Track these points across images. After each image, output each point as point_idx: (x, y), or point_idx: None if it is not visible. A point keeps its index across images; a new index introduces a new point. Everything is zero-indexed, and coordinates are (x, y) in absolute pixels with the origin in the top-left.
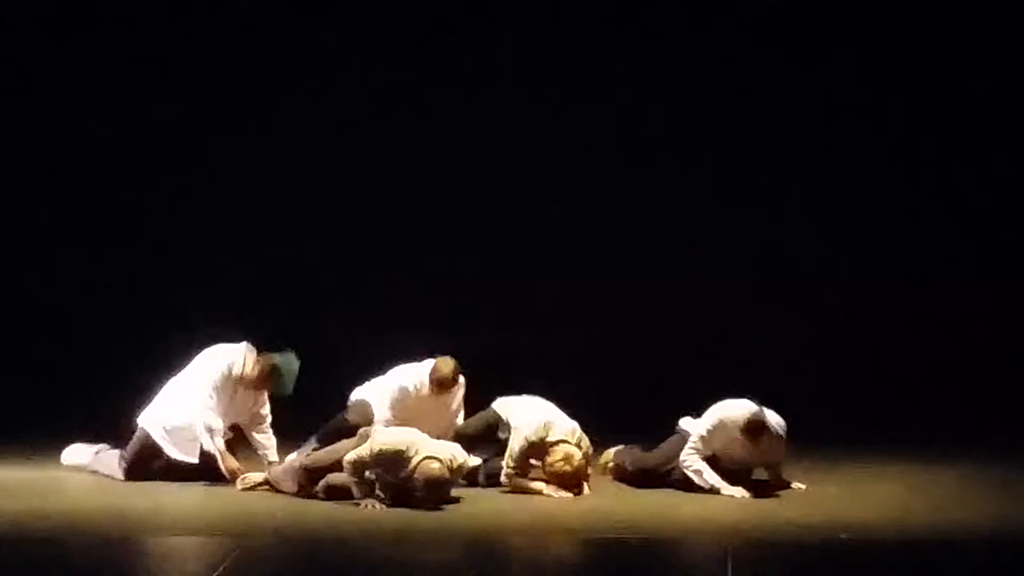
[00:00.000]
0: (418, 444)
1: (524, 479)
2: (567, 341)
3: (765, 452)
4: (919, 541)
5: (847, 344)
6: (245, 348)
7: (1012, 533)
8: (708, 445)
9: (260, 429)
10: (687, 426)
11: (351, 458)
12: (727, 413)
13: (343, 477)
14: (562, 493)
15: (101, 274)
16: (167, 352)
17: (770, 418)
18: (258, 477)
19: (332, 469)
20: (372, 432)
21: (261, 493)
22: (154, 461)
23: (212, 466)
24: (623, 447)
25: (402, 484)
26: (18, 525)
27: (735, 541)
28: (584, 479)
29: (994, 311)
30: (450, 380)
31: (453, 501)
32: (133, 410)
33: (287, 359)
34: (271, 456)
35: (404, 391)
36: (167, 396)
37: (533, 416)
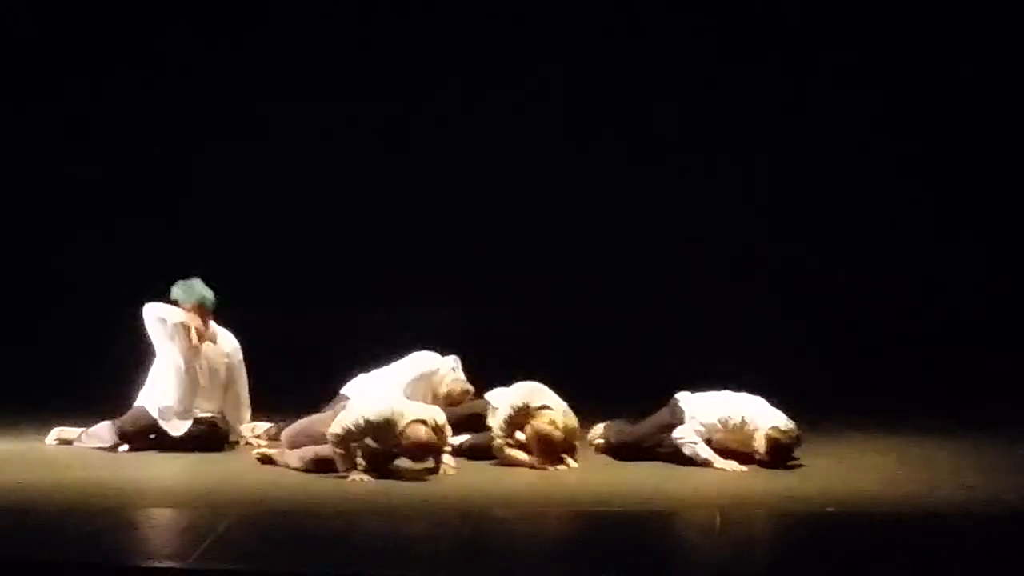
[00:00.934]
0: (403, 409)
1: (513, 449)
2: (553, 321)
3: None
4: (907, 515)
5: (839, 318)
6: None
7: (1002, 508)
8: (712, 432)
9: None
10: (685, 403)
11: (337, 431)
12: (750, 412)
13: (328, 449)
14: (549, 465)
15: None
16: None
17: (785, 425)
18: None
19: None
20: (346, 404)
21: (253, 464)
22: (148, 432)
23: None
24: (610, 422)
25: (387, 451)
26: (5, 498)
27: (724, 514)
28: (571, 451)
29: (989, 285)
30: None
31: (433, 471)
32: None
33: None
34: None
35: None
36: (157, 376)
37: (519, 389)
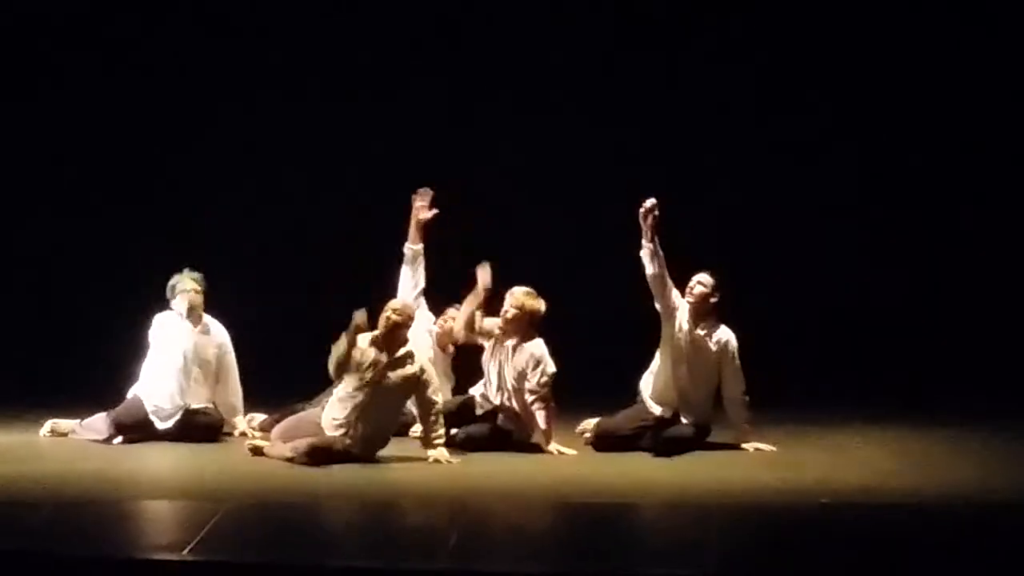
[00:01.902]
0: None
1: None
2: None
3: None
4: (900, 505)
5: (837, 309)
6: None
7: (995, 499)
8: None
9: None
10: (644, 385)
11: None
12: None
13: (327, 439)
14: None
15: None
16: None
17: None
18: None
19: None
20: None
21: (246, 456)
22: (143, 424)
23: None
24: (600, 418)
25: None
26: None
27: (716, 506)
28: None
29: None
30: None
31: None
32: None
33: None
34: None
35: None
36: (151, 369)
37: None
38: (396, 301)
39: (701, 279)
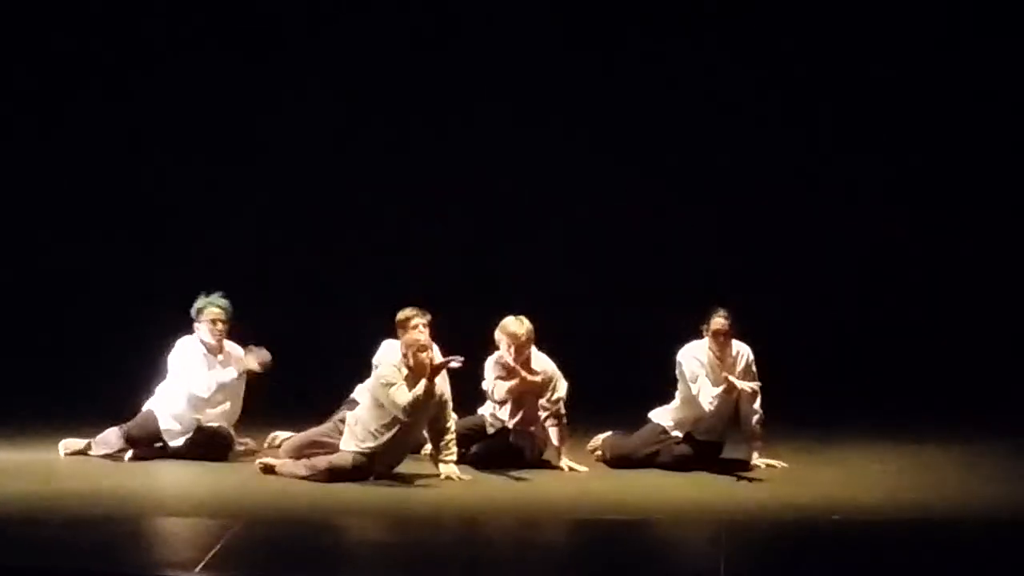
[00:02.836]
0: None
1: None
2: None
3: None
4: (911, 521)
5: (843, 322)
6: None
7: (1005, 513)
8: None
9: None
10: (657, 418)
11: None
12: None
13: (346, 460)
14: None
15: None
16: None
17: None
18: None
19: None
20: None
21: (257, 475)
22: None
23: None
24: (610, 433)
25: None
26: (12, 507)
27: (728, 522)
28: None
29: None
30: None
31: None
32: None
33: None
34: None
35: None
36: (168, 391)
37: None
38: (418, 336)
39: (720, 319)
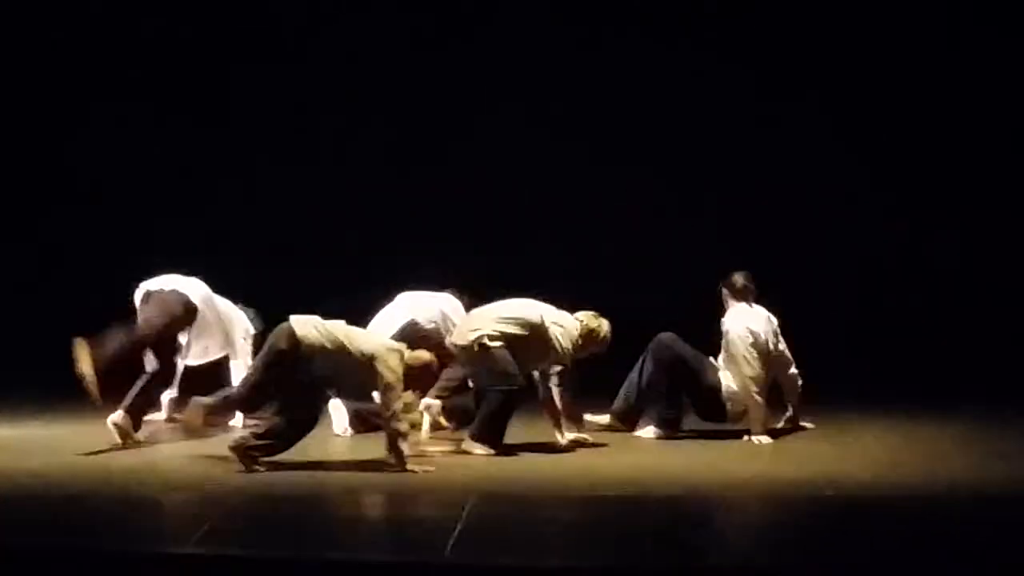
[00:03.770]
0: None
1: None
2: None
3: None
4: (906, 497)
5: (842, 298)
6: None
7: (1000, 490)
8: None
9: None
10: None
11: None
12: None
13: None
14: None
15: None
16: None
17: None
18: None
19: None
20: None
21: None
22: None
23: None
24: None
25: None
26: (10, 483)
27: (725, 496)
28: None
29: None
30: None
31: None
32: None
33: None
34: None
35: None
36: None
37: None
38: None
39: (742, 279)
